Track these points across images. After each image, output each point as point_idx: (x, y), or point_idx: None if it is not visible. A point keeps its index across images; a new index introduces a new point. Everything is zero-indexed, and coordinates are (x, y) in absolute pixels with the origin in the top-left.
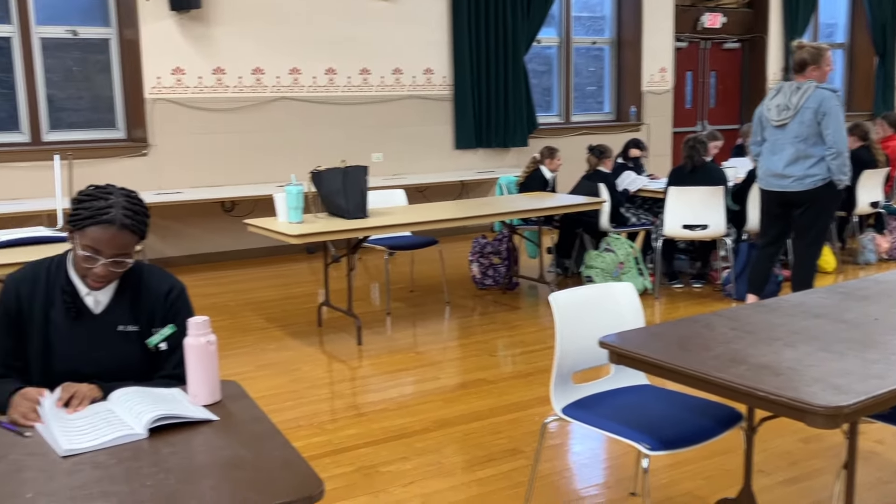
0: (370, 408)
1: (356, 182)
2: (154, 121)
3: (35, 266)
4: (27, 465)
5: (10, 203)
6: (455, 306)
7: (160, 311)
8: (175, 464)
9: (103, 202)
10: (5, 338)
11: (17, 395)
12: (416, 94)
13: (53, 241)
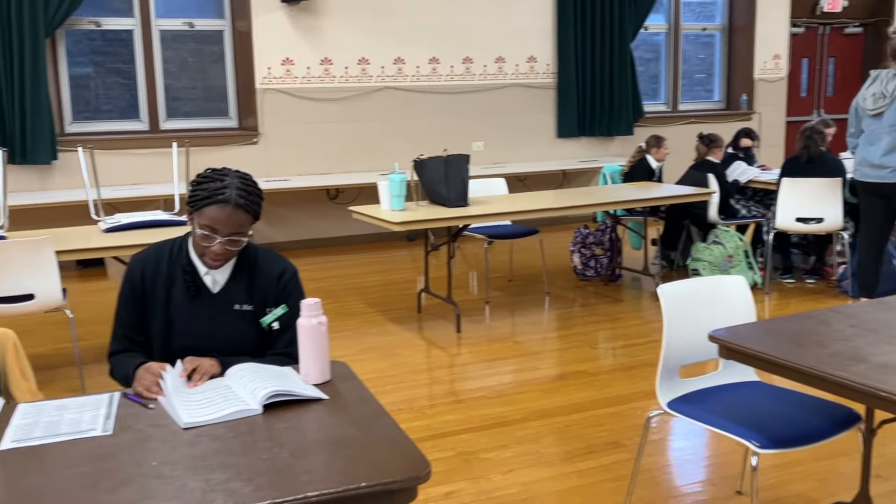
0: (469, 395)
1: (458, 170)
2: (264, 110)
3: (158, 247)
4: (151, 435)
5: (130, 188)
6: (555, 297)
7: (273, 292)
8: (288, 439)
9: (219, 183)
10: (130, 314)
11: (141, 369)
12: (519, 82)
13: (171, 224)
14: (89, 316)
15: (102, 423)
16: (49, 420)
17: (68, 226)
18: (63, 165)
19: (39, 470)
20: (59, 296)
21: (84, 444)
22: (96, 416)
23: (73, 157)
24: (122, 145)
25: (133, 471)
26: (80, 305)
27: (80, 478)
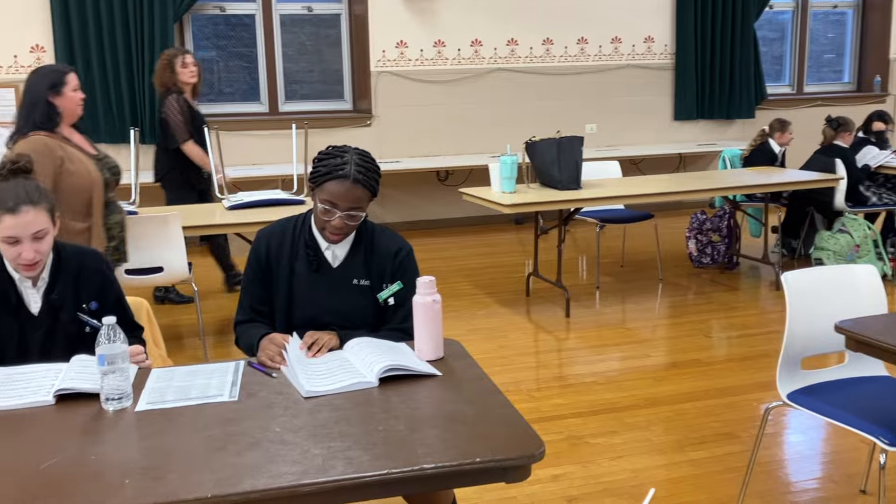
0: (577, 380)
1: (570, 153)
2: (378, 93)
3: (283, 222)
4: (275, 402)
5: (250, 168)
6: (668, 284)
7: (389, 269)
8: (403, 412)
9: (339, 159)
10: (256, 286)
11: (265, 340)
12: (635, 63)
13: (289, 203)
14: (212, 289)
15: (229, 390)
16: (180, 385)
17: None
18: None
19: (171, 431)
20: (186, 269)
21: (212, 409)
22: (223, 383)
23: None
24: (243, 127)
25: (258, 436)
26: (204, 279)
27: (209, 440)
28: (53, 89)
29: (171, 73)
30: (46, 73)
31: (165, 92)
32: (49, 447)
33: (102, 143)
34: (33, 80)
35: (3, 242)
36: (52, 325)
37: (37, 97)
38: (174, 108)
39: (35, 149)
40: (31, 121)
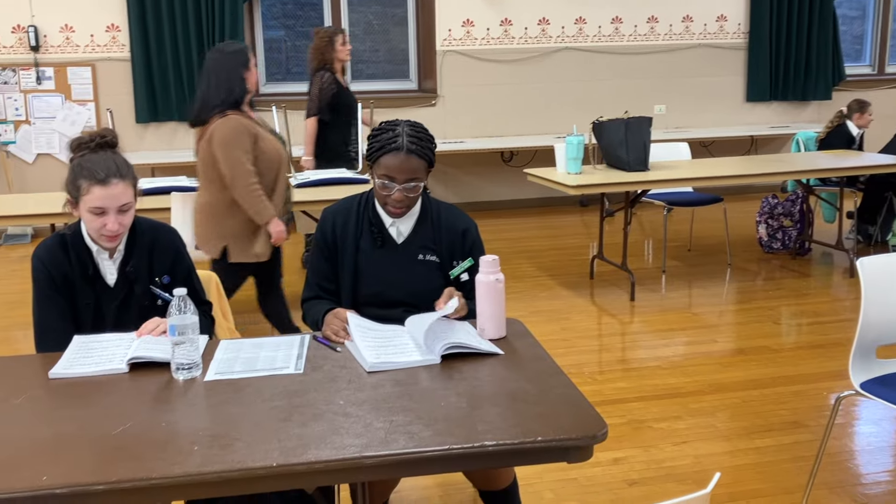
0: (641, 364)
1: (639, 134)
2: (443, 72)
3: (348, 200)
4: (338, 376)
5: None
6: (737, 269)
7: (459, 247)
8: (464, 389)
9: (391, 133)
10: (322, 262)
11: (330, 314)
12: (707, 42)
13: (354, 181)
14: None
15: (294, 363)
16: (247, 356)
17: None
18: None
19: (239, 401)
20: None
21: (278, 381)
22: (289, 356)
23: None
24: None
25: (322, 408)
26: None
27: (275, 411)
28: (245, 67)
29: (332, 51)
30: (233, 51)
31: (318, 68)
32: (122, 413)
33: (173, 122)
34: (221, 58)
35: (89, 213)
36: (127, 297)
37: (232, 75)
38: (318, 83)
39: (234, 128)
40: (230, 100)
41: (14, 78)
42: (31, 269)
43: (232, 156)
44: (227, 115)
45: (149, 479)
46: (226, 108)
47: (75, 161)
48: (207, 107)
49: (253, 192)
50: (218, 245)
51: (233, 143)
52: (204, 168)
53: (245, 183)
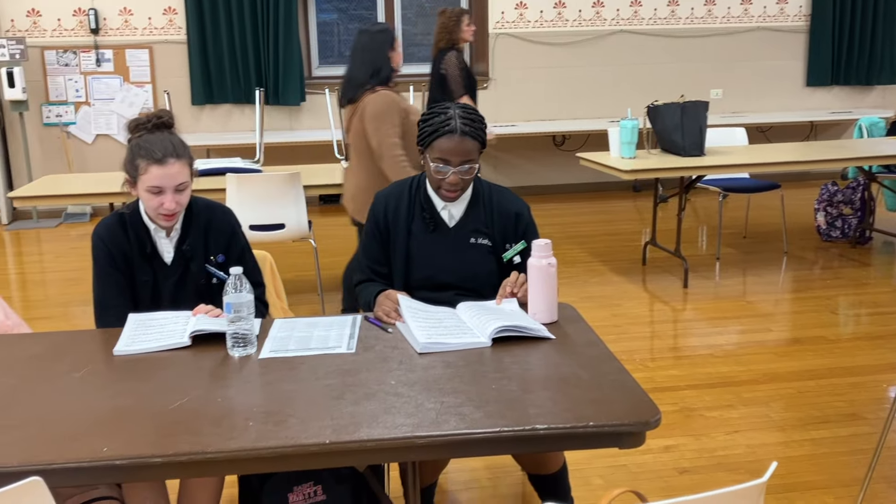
0: (693, 351)
1: (695, 118)
2: (495, 55)
3: (399, 184)
4: (390, 356)
5: None
6: (793, 257)
7: (512, 230)
8: (516, 373)
9: (443, 116)
10: (374, 246)
11: (381, 296)
12: (766, 25)
13: None
14: (328, 247)
15: (347, 342)
16: (301, 335)
17: (312, 163)
18: (310, 107)
19: (292, 378)
20: (306, 227)
21: (330, 360)
22: (341, 336)
23: (319, 100)
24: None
25: (374, 387)
26: (321, 238)
27: (328, 389)
28: (390, 46)
29: (458, 31)
30: (379, 31)
31: (445, 48)
32: (179, 389)
33: (228, 104)
34: (369, 38)
35: (147, 192)
36: (183, 275)
37: (378, 55)
38: (453, 63)
39: (386, 102)
40: (379, 77)
41: (75, 60)
42: (91, 246)
43: (381, 129)
44: (377, 90)
45: (205, 452)
46: (375, 84)
47: (133, 141)
48: (355, 85)
49: (399, 163)
50: None
51: (382, 117)
52: (357, 142)
53: (391, 154)
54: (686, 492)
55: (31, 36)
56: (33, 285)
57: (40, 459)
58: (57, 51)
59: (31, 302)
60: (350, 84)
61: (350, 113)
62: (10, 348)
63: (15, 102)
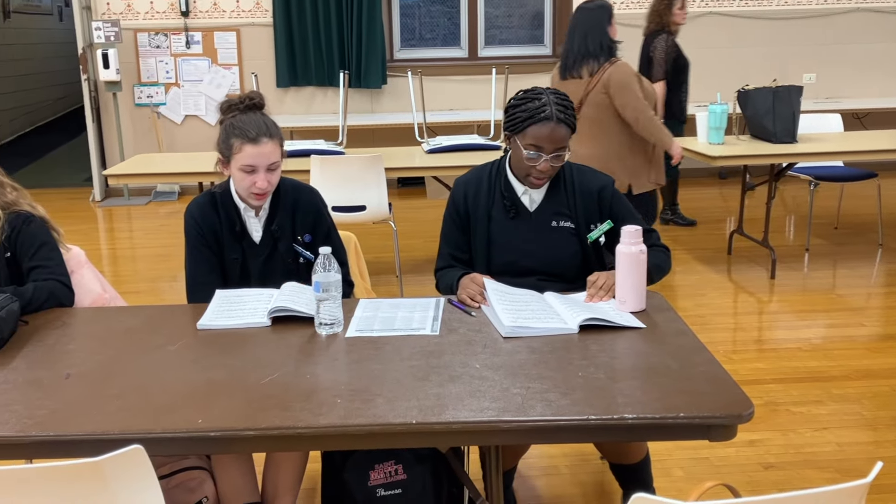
0: (779, 345)
1: (787, 103)
2: None
3: (479, 169)
4: (474, 339)
5: (447, 113)
6: (889, 249)
7: (595, 208)
8: (603, 361)
9: (538, 102)
10: (454, 232)
11: (465, 278)
12: (865, 6)
13: (486, 147)
14: (408, 230)
15: (431, 324)
16: (385, 316)
17: (393, 146)
18: (391, 89)
19: (378, 358)
20: (386, 209)
21: (415, 341)
22: (425, 318)
23: (400, 82)
24: (442, 72)
25: (459, 370)
26: (400, 220)
27: (414, 370)
28: (608, 21)
29: (669, 14)
30: (597, 6)
31: (656, 30)
32: (269, 364)
33: (311, 86)
34: (587, 14)
35: (240, 171)
36: (271, 254)
37: (597, 29)
38: (662, 46)
39: (627, 72)
40: (607, 50)
41: (166, 42)
42: (183, 224)
43: (632, 94)
44: (614, 62)
45: (295, 427)
46: (606, 57)
47: (227, 122)
48: (578, 58)
49: (654, 121)
50: (624, 182)
51: (630, 85)
52: (591, 112)
53: (647, 116)
54: (771, 488)
55: (125, 19)
56: (124, 260)
57: (139, 428)
58: (149, 33)
59: (121, 276)
60: (572, 58)
61: (580, 86)
62: (109, 321)
63: (109, 83)
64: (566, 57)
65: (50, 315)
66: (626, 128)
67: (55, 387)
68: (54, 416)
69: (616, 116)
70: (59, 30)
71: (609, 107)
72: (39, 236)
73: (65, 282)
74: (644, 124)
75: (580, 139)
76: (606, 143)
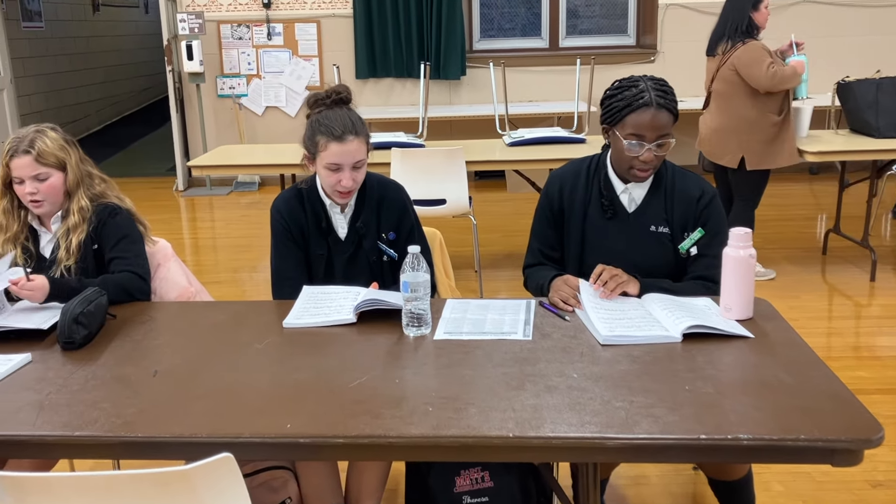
0: (883, 352)
1: (892, 96)
2: (664, 27)
3: (577, 164)
4: (570, 346)
5: (527, 105)
6: None
7: (692, 215)
8: (710, 374)
9: (635, 89)
10: (547, 229)
11: (558, 280)
12: None
13: (570, 141)
14: (486, 224)
15: (522, 328)
16: (474, 318)
17: (471, 138)
18: (469, 81)
19: (469, 363)
20: (467, 203)
21: (507, 346)
22: (516, 321)
23: (479, 74)
24: (522, 62)
25: (555, 379)
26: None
27: (507, 377)
28: (753, 7)
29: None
30: None
31: None
32: (357, 366)
33: (390, 78)
34: None
35: (325, 168)
36: (356, 251)
37: (739, 14)
38: None
39: (754, 49)
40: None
41: (248, 34)
42: (269, 219)
43: (757, 69)
44: (746, 42)
45: (387, 437)
46: (737, 37)
47: (313, 117)
48: (716, 38)
49: (776, 73)
50: (737, 155)
51: (756, 59)
52: (720, 87)
53: (769, 73)
54: None
55: (209, 10)
56: (205, 250)
57: (227, 432)
58: (231, 25)
59: (203, 266)
60: (714, 38)
61: (714, 63)
62: (195, 316)
63: (193, 74)
64: (710, 36)
65: (137, 309)
66: (752, 105)
67: (143, 385)
68: (142, 415)
69: (741, 93)
70: (145, 22)
71: (735, 83)
72: (123, 228)
73: (141, 274)
74: (778, 81)
75: (709, 112)
76: (729, 117)
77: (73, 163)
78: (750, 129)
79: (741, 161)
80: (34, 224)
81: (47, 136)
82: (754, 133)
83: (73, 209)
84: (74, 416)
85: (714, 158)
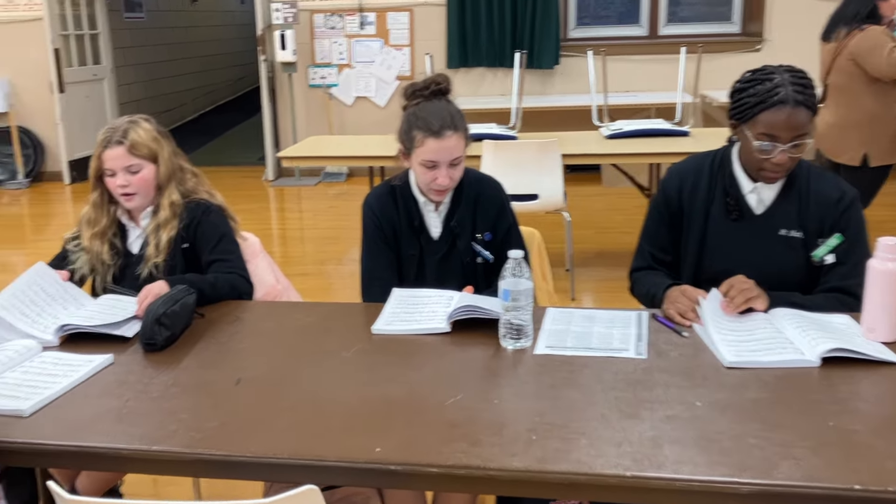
0: None
1: None
2: (773, 13)
3: (698, 159)
4: (691, 368)
5: (624, 95)
6: None
7: (829, 219)
8: (857, 407)
9: (769, 83)
10: (661, 229)
11: (675, 291)
12: None
13: (672, 134)
14: (579, 220)
15: (635, 345)
16: (579, 330)
17: (565, 130)
18: (563, 70)
19: (575, 384)
20: (561, 198)
21: (618, 365)
22: (627, 336)
23: (573, 63)
24: (619, 51)
25: (676, 408)
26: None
27: (619, 402)
28: None
29: None
30: None
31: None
32: (451, 382)
33: (481, 67)
34: None
35: (421, 165)
36: (449, 252)
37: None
38: None
39: (872, 36)
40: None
41: (340, 23)
42: (361, 216)
43: (878, 55)
44: (864, 29)
45: (485, 468)
46: (856, 23)
47: (410, 110)
48: (834, 22)
49: None
50: (859, 152)
51: (871, 51)
52: (837, 79)
53: (892, 59)
54: None
55: (303, 0)
56: (293, 241)
57: (311, 453)
58: (325, 14)
59: (290, 258)
60: (832, 21)
61: (830, 51)
62: (282, 317)
63: (285, 64)
64: (829, 18)
65: (224, 308)
66: (875, 97)
67: (225, 394)
68: (223, 430)
69: (863, 85)
70: (240, 12)
71: (854, 74)
72: (220, 227)
73: (245, 276)
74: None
75: (826, 106)
76: (849, 111)
77: (165, 155)
78: (872, 122)
79: (863, 158)
80: (123, 219)
81: (141, 126)
82: (878, 127)
83: (164, 204)
84: (152, 427)
85: (832, 156)
